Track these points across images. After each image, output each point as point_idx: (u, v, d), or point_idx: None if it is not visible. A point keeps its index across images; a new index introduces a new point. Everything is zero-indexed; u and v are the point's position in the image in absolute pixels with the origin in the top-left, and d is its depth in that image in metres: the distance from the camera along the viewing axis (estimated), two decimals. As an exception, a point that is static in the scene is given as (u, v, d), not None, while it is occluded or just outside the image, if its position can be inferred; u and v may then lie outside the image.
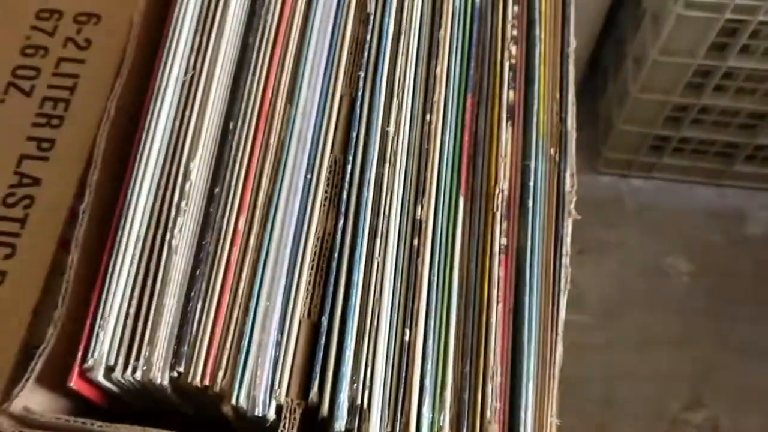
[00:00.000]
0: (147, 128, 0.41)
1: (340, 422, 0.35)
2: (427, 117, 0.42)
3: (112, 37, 0.56)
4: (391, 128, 0.41)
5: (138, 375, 0.37)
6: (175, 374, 0.37)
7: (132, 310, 0.38)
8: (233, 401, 0.36)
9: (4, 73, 0.54)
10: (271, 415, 0.36)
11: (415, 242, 0.39)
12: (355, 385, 0.36)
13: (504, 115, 0.42)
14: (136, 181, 0.40)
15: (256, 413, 0.35)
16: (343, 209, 0.40)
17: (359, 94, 0.42)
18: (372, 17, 0.44)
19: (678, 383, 0.75)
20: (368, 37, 0.44)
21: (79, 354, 0.37)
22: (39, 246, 0.49)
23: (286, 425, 0.35)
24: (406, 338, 0.37)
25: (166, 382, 0.37)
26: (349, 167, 0.40)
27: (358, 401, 0.35)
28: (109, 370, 0.37)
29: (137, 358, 0.37)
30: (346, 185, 0.40)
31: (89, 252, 0.40)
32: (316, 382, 0.36)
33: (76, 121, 0.53)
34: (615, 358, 0.76)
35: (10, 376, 0.45)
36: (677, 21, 0.61)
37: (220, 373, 0.36)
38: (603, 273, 0.79)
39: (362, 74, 0.43)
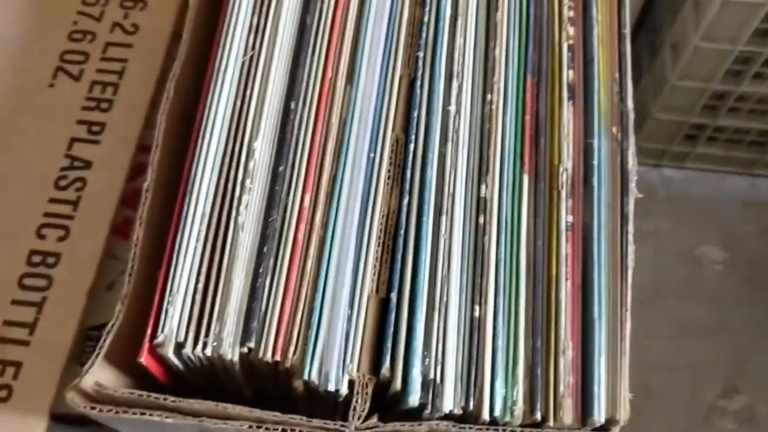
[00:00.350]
0: (209, 107, 0.42)
1: (414, 397, 0.35)
2: (488, 97, 0.42)
3: (158, 21, 0.56)
4: (452, 108, 0.42)
5: (208, 351, 0.37)
6: (246, 350, 0.37)
7: (200, 286, 0.38)
8: (305, 376, 0.36)
9: (53, 58, 0.54)
10: (344, 390, 0.36)
11: (481, 220, 0.39)
12: (427, 360, 0.36)
13: (565, 95, 0.42)
14: (200, 160, 0.40)
15: (328, 388, 0.36)
16: (407, 188, 0.40)
17: (419, 74, 0.43)
18: (429, -1, 0.44)
19: (714, 371, 0.75)
20: (426, 19, 0.44)
21: (149, 330, 0.37)
22: (92, 228, 0.49)
23: (359, 400, 0.36)
24: (476, 314, 0.37)
25: (236, 358, 0.37)
26: (411, 146, 0.41)
27: (431, 376, 0.36)
28: (179, 346, 0.37)
29: (207, 334, 0.37)
30: (409, 164, 0.40)
31: (153, 230, 0.40)
32: (388, 357, 0.36)
33: (125, 105, 0.53)
34: (650, 346, 0.76)
35: (69, 356, 0.46)
36: (721, 6, 0.61)
37: (291, 349, 0.36)
38: (637, 262, 0.79)
39: (421, 55, 0.43)
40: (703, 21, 0.63)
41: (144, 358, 0.37)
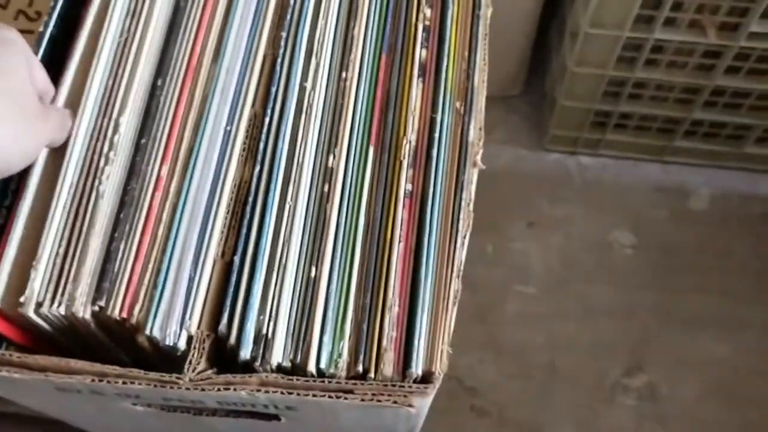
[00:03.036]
0: (85, 86, 0.44)
1: (246, 350, 0.38)
2: (344, 74, 0.44)
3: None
4: (308, 84, 0.44)
5: (62, 309, 0.39)
6: (97, 308, 0.39)
7: (62, 251, 0.40)
8: (147, 332, 0.38)
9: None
10: (182, 344, 0.38)
11: (326, 188, 0.41)
12: (262, 316, 0.38)
13: (416, 73, 0.45)
14: (71, 135, 0.43)
15: (167, 342, 0.38)
16: (259, 159, 0.42)
17: (281, 53, 0.45)
18: (297, -18, 0.47)
19: (619, 351, 0.77)
20: (292, 1, 0.46)
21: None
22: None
23: (195, 354, 0.38)
24: (312, 275, 0.39)
25: (88, 316, 0.39)
26: (267, 119, 0.43)
27: (264, 331, 0.38)
28: (38, 305, 0.39)
29: (63, 294, 0.39)
30: (263, 136, 0.43)
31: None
32: (226, 315, 0.39)
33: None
34: (559, 327, 0.78)
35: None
36: (602, -8, 0.64)
37: (137, 307, 0.39)
38: (550, 246, 0.82)
39: (284, 35, 0.45)
40: (589, 7, 0.65)
41: (-1, 322, 0.40)
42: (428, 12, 0.47)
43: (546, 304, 0.78)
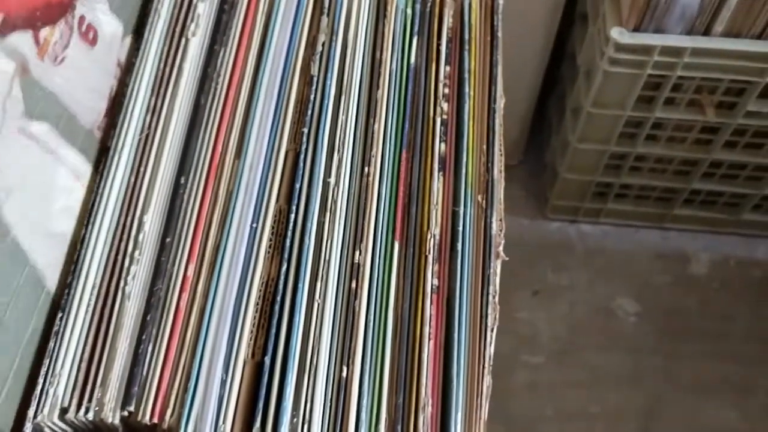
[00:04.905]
0: (104, 183, 0.44)
1: (281, 455, 0.37)
2: (366, 169, 0.45)
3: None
4: (332, 180, 0.45)
5: (90, 415, 0.39)
6: (126, 413, 0.39)
7: (86, 355, 0.40)
8: (181, 438, 0.38)
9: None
10: (217, 450, 0.38)
11: (353, 285, 0.42)
12: (295, 419, 0.38)
13: (436, 167, 0.46)
14: (92, 232, 0.43)
15: (202, 449, 0.38)
16: (286, 256, 0.42)
17: (303, 148, 0.46)
18: (316, 79, 0.48)
19: (628, 419, 0.78)
20: (312, 97, 0.48)
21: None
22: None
23: (230, 460, 0.38)
24: (344, 375, 0.39)
25: (117, 422, 0.39)
26: (292, 216, 0.44)
27: (298, 434, 0.38)
28: (63, 411, 0.39)
29: (90, 400, 0.39)
30: (290, 233, 0.43)
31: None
32: (259, 418, 0.38)
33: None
34: (568, 396, 0.78)
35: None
36: (604, 76, 0.66)
37: (169, 412, 0.39)
38: (555, 314, 0.82)
39: (306, 131, 0.46)
40: (592, 89, 0.67)
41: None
42: (445, 106, 0.48)
43: (554, 373, 0.79)
